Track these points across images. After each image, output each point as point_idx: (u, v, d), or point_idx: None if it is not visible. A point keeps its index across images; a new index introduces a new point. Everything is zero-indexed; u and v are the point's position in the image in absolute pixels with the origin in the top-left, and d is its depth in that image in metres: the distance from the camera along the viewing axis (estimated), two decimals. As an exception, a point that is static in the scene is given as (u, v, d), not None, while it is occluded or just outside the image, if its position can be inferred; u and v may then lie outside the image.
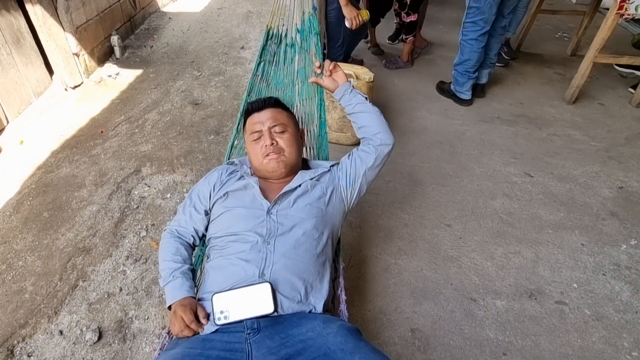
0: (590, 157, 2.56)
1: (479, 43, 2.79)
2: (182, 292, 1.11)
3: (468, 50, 2.83)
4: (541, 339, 1.58)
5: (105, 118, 2.89)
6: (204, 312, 1.06)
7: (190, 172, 2.39)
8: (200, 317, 1.04)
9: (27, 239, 1.97)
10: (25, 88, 2.79)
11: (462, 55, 2.89)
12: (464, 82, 2.98)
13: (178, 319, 1.04)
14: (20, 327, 1.60)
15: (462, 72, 2.94)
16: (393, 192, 2.25)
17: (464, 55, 2.87)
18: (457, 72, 2.99)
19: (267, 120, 1.31)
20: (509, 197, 2.24)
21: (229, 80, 3.38)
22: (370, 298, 1.72)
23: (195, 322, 1.03)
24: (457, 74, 2.99)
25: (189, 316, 1.03)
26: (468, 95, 3.03)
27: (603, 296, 1.75)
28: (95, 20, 3.40)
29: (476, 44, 2.79)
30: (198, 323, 1.04)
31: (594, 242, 1.99)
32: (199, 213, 1.29)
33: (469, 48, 2.82)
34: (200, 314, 1.05)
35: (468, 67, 2.90)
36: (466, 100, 3.05)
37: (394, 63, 3.61)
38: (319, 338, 0.97)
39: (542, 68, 3.63)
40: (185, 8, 4.92)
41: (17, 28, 2.71)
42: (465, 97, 3.04)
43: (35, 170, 2.39)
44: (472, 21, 2.73)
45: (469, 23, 2.75)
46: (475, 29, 2.74)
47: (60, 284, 1.76)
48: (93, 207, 2.14)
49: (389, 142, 1.35)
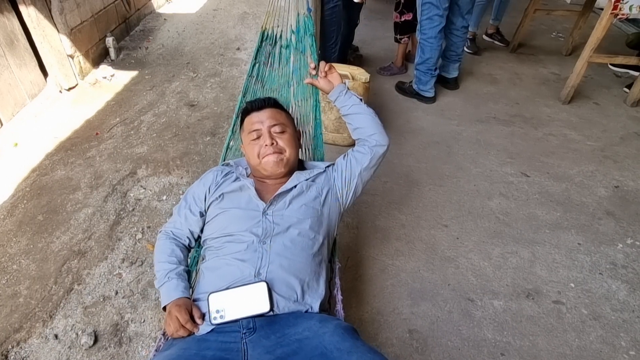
0: (586, 156, 2.57)
1: (437, 40, 2.81)
2: (177, 292, 1.10)
3: (429, 48, 2.84)
4: (539, 339, 1.58)
5: (100, 120, 2.87)
6: (199, 312, 1.05)
7: (186, 173, 2.38)
8: (195, 317, 1.04)
9: (21, 242, 1.95)
10: (19, 90, 2.77)
11: (423, 55, 2.89)
12: (427, 81, 2.99)
13: (173, 319, 1.03)
14: (15, 332, 1.58)
15: (424, 70, 2.95)
16: (390, 193, 2.25)
17: (425, 54, 2.87)
18: (419, 72, 2.98)
19: (266, 120, 1.30)
20: (505, 197, 2.24)
21: (225, 81, 3.37)
22: (367, 299, 1.71)
23: (190, 321, 1.02)
24: (420, 73, 2.98)
25: (184, 316, 1.03)
26: (432, 92, 3.04)
27: (600, 295, 1.75)
28: (89, 22, 3.38)
29: (435, 42, 2.81)
30: (193, 323, 1.03)
31: (590, 241, 2.00)
32: (194, 215, 1.28)
33: (429, 46, 2.83)
34: (195, 314, 1.04)
35: (430, 66, 2.91)
36: (430, 97, 3.06)
37: (388, 70, 3.53)
38: (316, 337, 0.97)
39: (537, 68, 3.64)
40: (181, 9, 4.90)
41: (10, 30, 2.69)
42: (429, 95, 3.05)
43: (30, 173, 2.37)
44: (427, 17, 2.74)
45: (426, 20, 2.76)
46: (432, 26, 2.75)
47: (55, 288, 1.75)
48: (88, 209, 2.12)
49: (384, 143, 1.35)
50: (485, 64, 3.68)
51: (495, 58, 3.80)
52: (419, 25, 2.85)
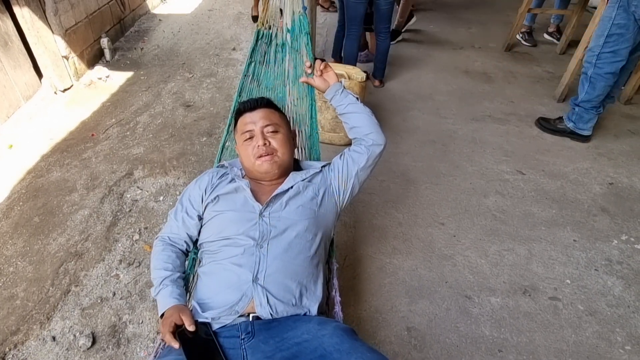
0: (581, 154, 2.59)
1: (615, 77, 2.44)
2: (171, 300, 1.08)
3: (602, 85, 2.46)
4: (536, 335, 1.59)
5: (95, 121, 2.86)
6: (189, 319, 1.01)
7: (183, 174, 2.37)
8: (186, 324, 1.00)
9: (17, 244, 1.94)
10: (13, 92, 2.76)
11: (593, 91, 2.49)
12: (589, 119, 2.62)
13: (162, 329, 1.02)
14: (12, 334, 1.58)
15: (589, 108, 2.57)
16: (387, 192, 2.26)
17: (595, 90, 2.48)
18: (582, 109, 2.59)
19: (259, 120, 1.29)
20: (501, 195, 2.26)
21: (221, 81, 3.37)
22: (365, 298, 1.72)
23: (168, 334, 0.98)
24: (583, 110, 2.59)
25: (165, 328, 1.00)
26: (590, 130, 2.67)
27: (596, 291, 1.76)
28: (84, 23, 3.37)
29: (612, 78, 2.44)
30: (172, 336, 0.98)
31: (585, 237, 2.01)
32: (192, 218, 1.26)
33: (604, 82, 2.45)
34: (186, 321, 1.00)
35: (596, 103, 2.55)
36: (588, 136, 2.69)
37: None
38: (315, 340, 0.97)
39: (532, 67, 3.66)
40: (176, 10, 4.89)
41: (4, 31, 2.67)
42: (587, 134, 2.68)
43: (25, 175, 2.36)
44: (611, 51, 2.35)
45: (608, 54, 2.37)
46: (615, 60, 2.37)
47: (52, 290, 1.74)
48: (85, 211, 2.12)
49: (380, 143, 1.34)
50: (480, 63, 3.69)
51: (490, 57, 3.82)
52: (593, 58, 2.44)
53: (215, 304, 1.08)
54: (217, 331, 1.04)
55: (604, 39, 2.36)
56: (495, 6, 5.07)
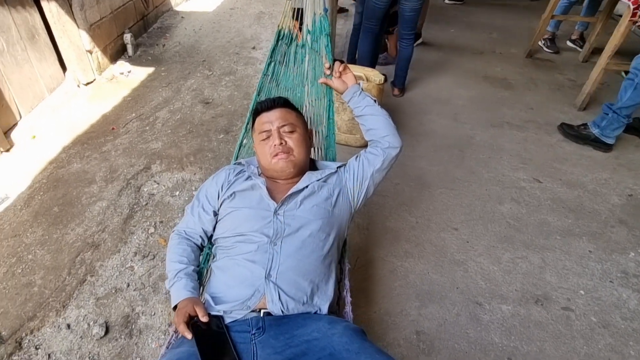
0: (600, 164, 2.54)
1: None
2: (185, 292, 1.11)
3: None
4: (546, 345, 1.57)
5: (116, 115, 2.92)
6: (202, 311, 1.03)
7: (199, 170, 2.41)
8: (199, 316, 1.03)
9: (37, 232, 1.99)
10: (38, 84, 2.83)
11: (637, 98, 2.43)
12: (618, 127, 2.57)
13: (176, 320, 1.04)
14: (29, 320, 1.62)
15: (623, 116, 2.52)
16: (401, 195, 2.25)
17: (637, 97, 2.43)
18: (616, 116, 2.53)
19: (276, 120, 1.30)
20: (517, 202, 2.23)
21: (240, 80, 3.40)
22: (376, 300, 1.72)
23: (182, 324, 1.00)
24: (616, 117, 2.54)
25: (179, 319, 1.02)
26: (614, 139, 2.63)
27: (610, 304, 1.73)
28: (108, 18, 3.44)
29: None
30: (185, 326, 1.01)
31: (601, 249, 1.98)
32: (208, 214, 1.28)
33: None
34: (199, 312, 1.03)
35: (632, 111, 2.51)
36: (610, 145, 2.65)
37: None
38: (324, 339, 0.98)
39: (553, 74, 3.61)
40: (198, 7, 4.95)
41: (32, 24, 2.75)
42: (611, 142, 2.63)
43: (47, 165, 2.42)
44: None
45: None
46: None
47: (68, 278, 1.79)
48: (103, 202, 2.16)
49: (396, 145, 1.34)
50: (500, 69, 3.66)
51: (511, 63, 3.78)
52: None
53: (228, 298, 1.10)
54: (228, 325, 1.05)
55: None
56: (518, 12, 5.01)
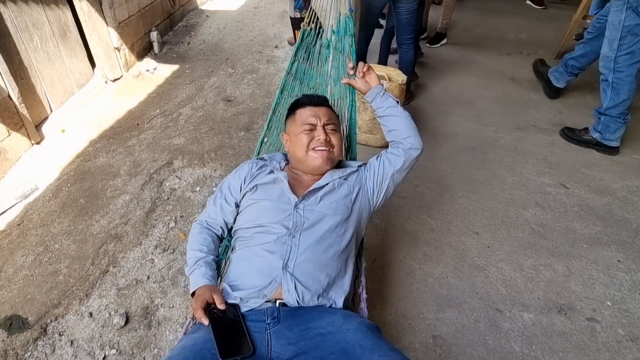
0: (632, 170, 2.45)
1: (637, 79, 2.39)
2: (204, 280, 1.14)
3: (627, 89, 2.40)
4: (569, 356, 1.52)
5: (141, 111, 2.98)
6: (220, 298, 1.06)
7: (220, 167, 2.43)
8: (217, 303, 1.05)
9: (63, 223, 2.05)
10: (68, 79, 2.92)
11: (617, 97, 2.43)
12: (617, 128, 2.52)
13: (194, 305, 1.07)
14: (54, 307, 1.67)
15: (616, 115, 2.49)
16: (421, 197, 2.22)
17: (620, 95, 2.42)
18: (609, 117, 2.51)
19: (323, 117, 1.34)
20: (542, 208, 2.17)
21: (262, 78, 3.42)
22: (392, 301, 1.70)
23: (200, 310, 1.03)
24: (610, 119, 2.51)
25: (198, 305, 1.05)
26: (618, 141, 2.56)
27: (639, 316, 1.67)
28: (136, 17, 3.52)
29: (635, 80, 2.39)
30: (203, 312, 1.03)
31: (631, 259, 1.90)
32: (230, 205, 1.31)
33: (628, 86, 2.39)
34: (217, 300, 1.06)
35: (623, 109, 2.46)
36: (615, 148, 2.57)
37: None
38: (338, 333, 0.98)
39: (583, 76, 3.49)
40: (222, 6, 5.02)
41: (64, 22, 2.83)
42: (615, 145, 2.56)
43: (74, 158, 2.49)
44: (628, 52, 2.32)
45: (625, 56, 2.34)
46: (634, 62, 2.34)
47: (92, 269, 1.83)
48: (126, 196, 2.21)
49: (418, 147, 1.34)
50: (528, 70, 3.56)
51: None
52: (610, 63, 2.41)
53: (245, 286, 1.12)
54: (244, 314, 1.07)
55: (617, 43, 2.34)
56: (549, 13, 4.88)
